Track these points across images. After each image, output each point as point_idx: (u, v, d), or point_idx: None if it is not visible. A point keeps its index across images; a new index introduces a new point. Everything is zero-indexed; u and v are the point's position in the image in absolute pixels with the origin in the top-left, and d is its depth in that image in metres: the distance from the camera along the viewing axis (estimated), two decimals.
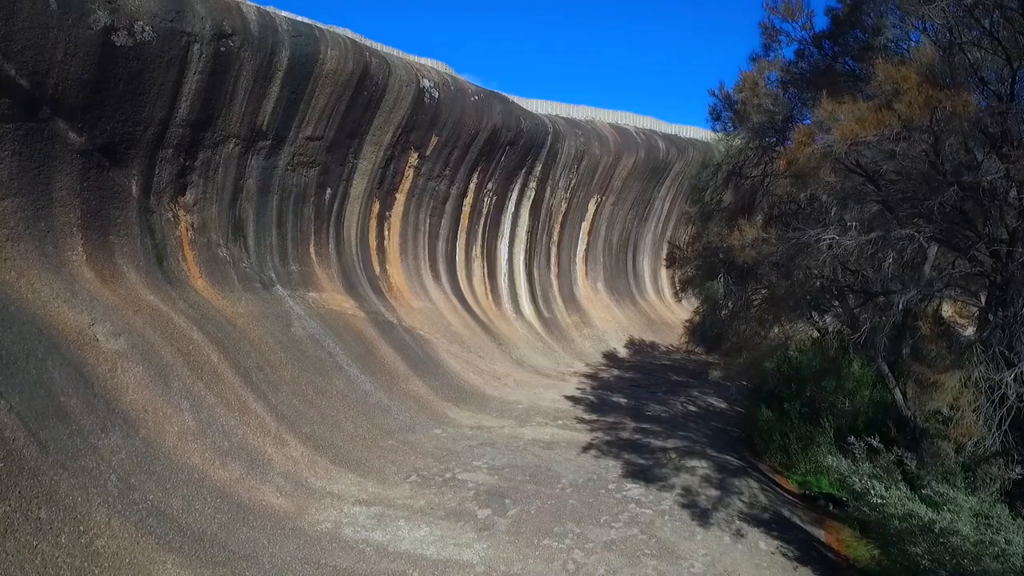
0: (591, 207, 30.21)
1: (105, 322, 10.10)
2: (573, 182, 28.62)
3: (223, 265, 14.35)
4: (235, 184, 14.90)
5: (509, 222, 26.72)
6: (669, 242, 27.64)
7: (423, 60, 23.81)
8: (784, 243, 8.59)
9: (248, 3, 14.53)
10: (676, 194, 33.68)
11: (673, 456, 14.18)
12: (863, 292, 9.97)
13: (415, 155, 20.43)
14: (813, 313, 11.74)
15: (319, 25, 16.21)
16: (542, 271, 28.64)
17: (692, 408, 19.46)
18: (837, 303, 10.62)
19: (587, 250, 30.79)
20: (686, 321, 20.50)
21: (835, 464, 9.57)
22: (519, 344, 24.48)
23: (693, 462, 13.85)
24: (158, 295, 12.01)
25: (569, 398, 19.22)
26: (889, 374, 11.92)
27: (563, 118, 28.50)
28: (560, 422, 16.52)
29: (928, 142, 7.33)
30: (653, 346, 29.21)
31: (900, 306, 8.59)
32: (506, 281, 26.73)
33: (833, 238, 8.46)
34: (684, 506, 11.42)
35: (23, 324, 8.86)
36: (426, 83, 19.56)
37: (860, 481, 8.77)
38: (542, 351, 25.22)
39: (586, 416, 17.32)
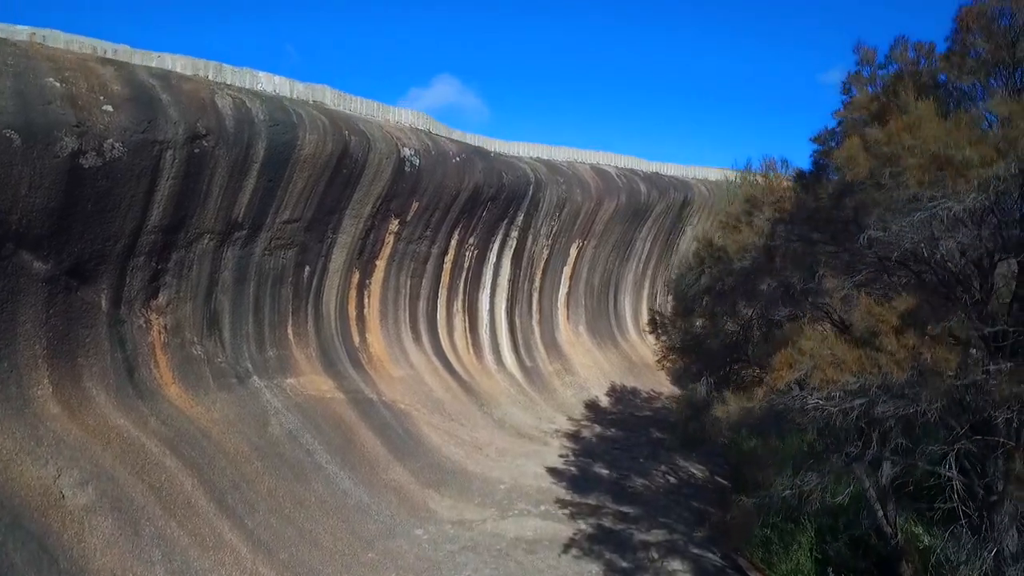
0: (573, 252, 30.12)
1: (72, 470, 9.75)
2: (555, 229, 28.49)
3: (197, 364, 13.98)
4: (210, 278, 14.53)
5: (491, 273, 26.53)
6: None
7: (403, 114, 23.55)
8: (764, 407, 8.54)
9: (226, 94, 14.13)
10: (657, 234, 33.73)
11: (655, 556, 14.15)
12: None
13: (395, 221, 20.15)
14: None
15: (298, 108, 15.83)
16: (524, 318, 28.49)
17: (673, 480, 19.47)
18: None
19: (568, 294, 30.70)
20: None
21: None
22: (501, 400, 24.32)
23: (675, 564, 13.83)
24: (129, 416, 11.64)
25: (551, 471, 19.12)
26: (872, 494, 11.99)
27: (544, 163, 28.36)
28: (543, 508, 16.41)
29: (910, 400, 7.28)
30: (635, 393, 29.24)
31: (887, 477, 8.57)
32: (487, 332, 26.54)
33: (818, 403, 8.43)
34: None
35: None
36: (407, 152, 19.27)
37: None
38: (524, 405, 25.09)
39: (568, 497, 17.22)
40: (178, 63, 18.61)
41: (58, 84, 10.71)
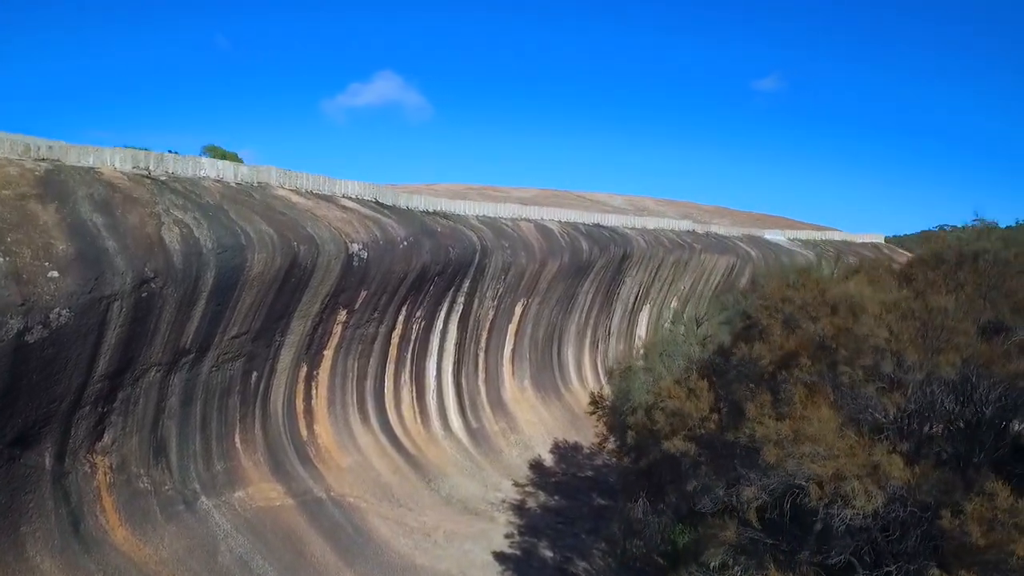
0: (518, 310, 30.79)
1: None
2: (500, 291, 29.08)
3: (144, 498, 13.90)
4: (157, 407, 14.43)
5: (438, 340, 26.90)
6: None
7: (349, 186, 23.75)
8: None
9: (172, 226, 14.03)
10: (599, 286, 34.78)
11: None
12: None
13: (344, 312, 20.29)
14: None
15: (246, 225, 15.79)
16: (470, 379, 28.99)
17: (613, 563, 20.43)
18: None
19: (514, 350, 31.37)
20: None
21: None
22: (448, 470, 24.77)
23: None
24: None
25: (497, 556, 19.74)
26: None
27: (490, 224, 28.91)
28: None
29: None
30: (576, 448, 30.18)
31: None
32: (435, 398, 26.92)
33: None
34: None
35: None
36: (355, 247, 19.43)
37: None
38: (470, 473, 25.62)
39: None
40: (116, 157, 18.33)
41: (2, 258, 10.54)
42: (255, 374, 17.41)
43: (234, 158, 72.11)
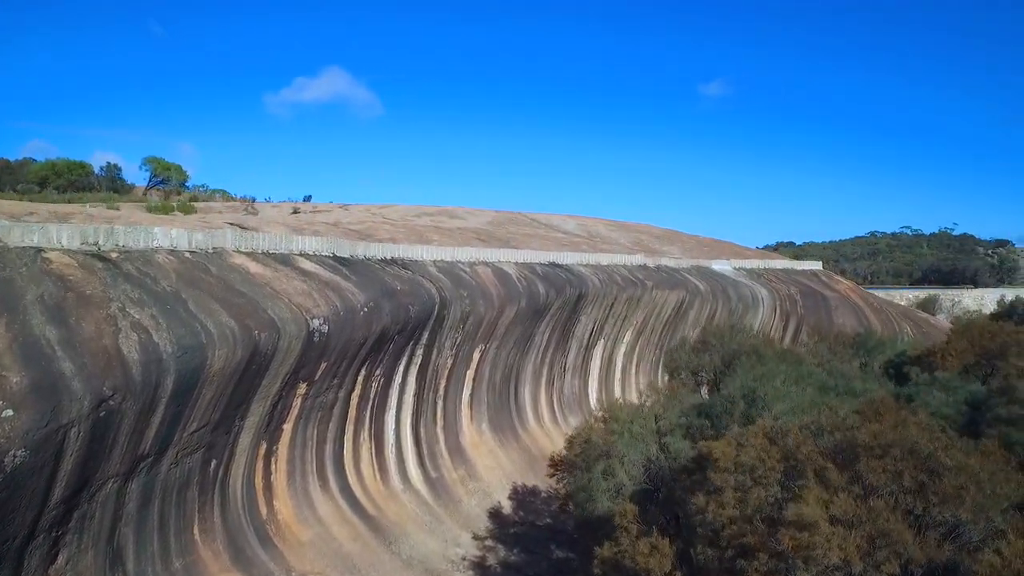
0: (476, 355, 30.95)
1: None
2: (459, 339, 29.17)
3: None
4: (114, 516, 14.02)
5: (396, 393, 26.81)
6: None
7: (306, 242, 23.54)
8: None
9: (131, 333, 13.62)
10: (555, 326, 35.27)
11: None
12: None
13: (303, 385, 20.05)
14: None
15: (207, 320, 15.44)
16: (428, 427, 29.01)
17: None
18: None
19: (472, 395, 31.53)
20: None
21: None
22: (408, 527, 24.78)
23: None
24: None
25: None
26: None
27: (447, 272, 29.00)
28: None
29: None
30: (534, 493, 30.58)
31: None
32: (393, 452, 26.85)
33: None
34: None
35: None
36: (316, 323, 19.23)
37: None
38: (430, 527, 25.69)
39: None
40: (64, 234, 17.68)
41: None
42: (214, 462, 17.07)
43: (178, 170, 69.14)
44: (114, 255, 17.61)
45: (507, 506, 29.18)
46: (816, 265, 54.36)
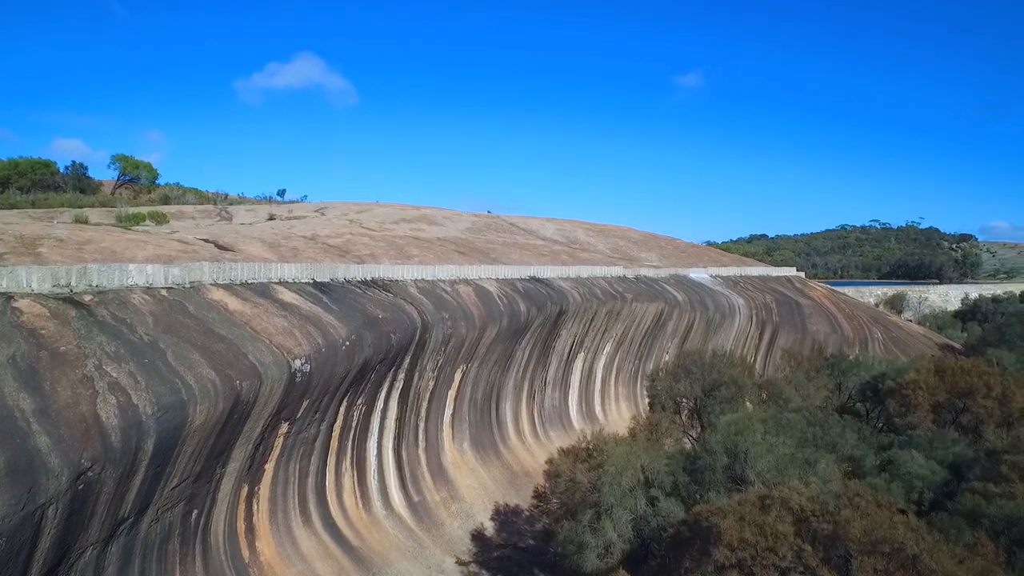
0: (457, 376, 30.81)
1: None
2: (440, 361, 29.00)
3: None
4: None
5: (378, 419, 26.58)
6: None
7: (286, 269, 23.18)
8: None
9: (108, 397, 13.22)
10: (536, 342, 35.27)
11: None
12: None
13: (285, 425, 19.75)
14: None
15: (186, 375, 15.06)
16: (410, 450, 28.85)
17: None
18: None
19: (453, 414, 31.42)
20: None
21: None
22: (391, 556, 24.69)
23: None
24: None
25: None
26: None
27: (428, 293, 28.75)
28: None
29: None
30: (516, 512, 30.68)
31: None
32: (376, 477, 26.66)
33: None
34: None
35: None
36: (297, 364, 18.91)
37: None
38: (414, 553, 25.63)
39: None
40: (33, 277, 17.14)
41: None
42: (195, 512, 16.74)
43: (147, 168, 67.42)
44: (87, 298, 17.08)
45: (490, 527, 29.22)
46: (791, 271, 55.15)
